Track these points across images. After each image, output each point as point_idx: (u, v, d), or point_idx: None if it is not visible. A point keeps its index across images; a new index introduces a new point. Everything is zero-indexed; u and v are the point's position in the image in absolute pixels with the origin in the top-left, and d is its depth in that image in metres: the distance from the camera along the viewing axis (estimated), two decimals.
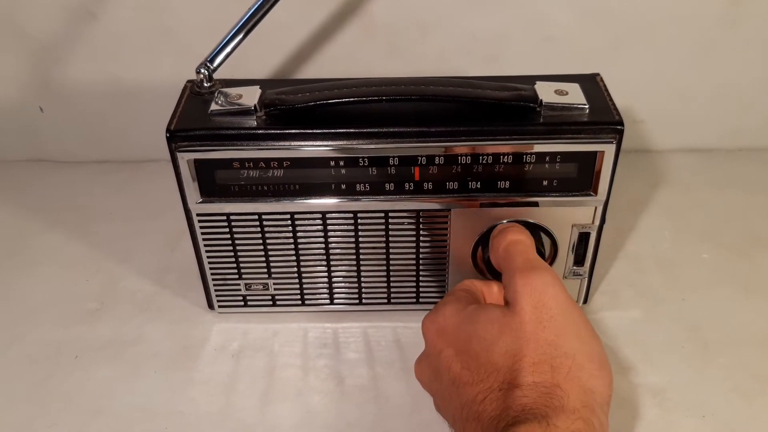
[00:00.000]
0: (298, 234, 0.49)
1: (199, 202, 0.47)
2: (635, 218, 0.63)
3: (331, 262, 0.50)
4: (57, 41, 0.65)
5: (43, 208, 0.66)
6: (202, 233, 0.48)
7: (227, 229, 0.48)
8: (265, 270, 0.51)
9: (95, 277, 0.58)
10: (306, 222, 0.48)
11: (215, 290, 0.52)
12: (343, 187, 0.46)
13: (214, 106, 0.45)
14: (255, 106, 0.45)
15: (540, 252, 0.47)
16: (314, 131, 0.44)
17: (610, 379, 0.37)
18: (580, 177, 0.46)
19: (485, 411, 0.36)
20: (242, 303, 0.53)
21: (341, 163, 0.45)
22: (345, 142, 0.44)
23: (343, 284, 0.52)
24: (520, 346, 0.37)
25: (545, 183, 0.46)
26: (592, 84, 0.47)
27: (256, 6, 0.48)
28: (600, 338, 0.38)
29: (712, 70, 0.67)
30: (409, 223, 0.48)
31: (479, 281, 0.46)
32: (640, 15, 0.64)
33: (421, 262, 0.50)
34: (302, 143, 0.44)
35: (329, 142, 0.44)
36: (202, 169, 0.45)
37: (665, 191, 0.66)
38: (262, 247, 0.49)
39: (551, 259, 0.49)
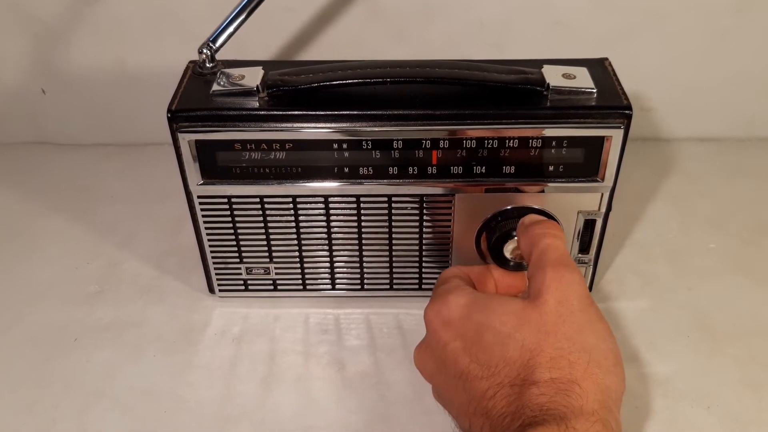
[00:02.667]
0: (300, 218, 0.48)
1: (200, 184, 0.46)
2: (642, 206, 0.62)
3: (333, 247, 0.50)
4: (59, 22, 0.65)
5: (44, 190, 0.66)
6: (203, 216, 0.48)
7: (228, 212, 0.48)
8: (267, 254, 0.50)
9: (96, 260, 0.58)
10: (308, 205, 0.47)
11: (216, 274, 0.51)
12: (346, 170, 0.45)
13: (216, 87, 0.45)
14: (257, 86, 0.44)
15: None
16: (317, 113, 0.43)
17: (624, 375, 0.37)
18: (587, 162, 0.45)
19: (495, 407, 0.35)
20: (243, 287, 0.52)
21: (344, 145, 0.44)
22: (348, 125, 0.43)
23: (345, 269, 0.51)
24: (538, 340, 0.36)
25: (551, 168, 0.45)
26: (600, 68, 0.47)
27: None
28: (615, 337, 0.38)
29: (723, 59, 0.66)
30: (413, 208, 0.47)
31: (465, 267, 0.45)
32: (651, 1, 0.62)
33: (424, 247, 0.50)
34: (305, 125, 0.43)
35: (332, 125, 0.43)
36: (203, 151, 0.45)
37: (673, 180, 0.65)
38: (263, 230, 0.49)
39: None
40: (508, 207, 0.46)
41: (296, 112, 0.43)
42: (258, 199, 0.47)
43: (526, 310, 0.37)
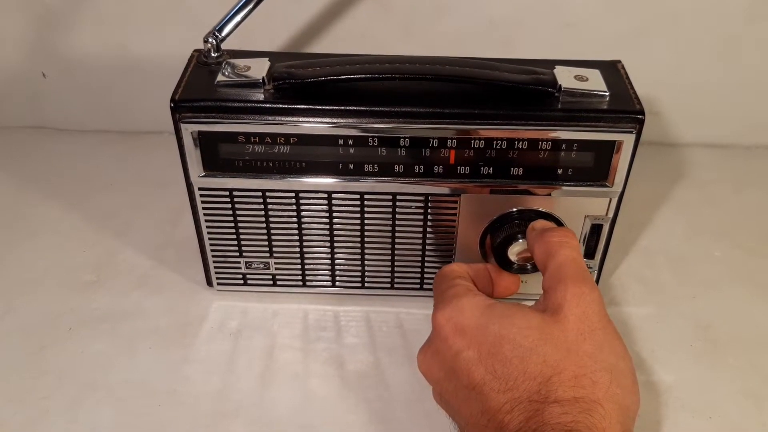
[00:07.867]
0: (302, 213, 0.47)
1: (202, 176, 0.45)
2: (649, 212, 0.61)
3: (335, 244, 0.49)
4: (62, 5, 0.64)
5: (42, 176, 0.65)
6: (204, 208, 0.47)
7: (229, 205, 0.47)
8: (267, 248, 0.49)
9: (93, 248, 0.57)
10: (311, 201, 0.47)
11: (215, 267, 0.51)
12: (351, 166, 0.45)
13: (220, 77, 0.44)
14: (263, 78, 0.43)
15: None
16: (323, 107, 0.42)
17: (639, 394, 0.37)
18: (597, 167, 0.44)
19: (512, 421, 0.34)
20: (242, 281, 0.52)
21: (350, 141, 0.43)
22: (355, 120, 0.43)
23: (346, 267, 0.50)
24: (560, 357, 0.35)
25: (560, 171, 0.44)
26: (613, 71, 0.46)
27: None
28: (631, 355, 0.37)
29: (734, 64, 0.65)
30: (417, 207, 0.47)
31: (464, 264, 0.44)
32: (664, 4, 0.62)
33: (427, 247, 0.49)
34: (310, 119, 0.43)
35: (338, 120, 0.43)
36: (205, 142, 0.44)
37: (681, 186, 0.65)
38: (264, 225, 0.48)
39: None
40: (515, 209, 0.46)
41: (302, 106, 0.42)
42: (260, 193, 0.46)
43: (547, 324, 0.36)
